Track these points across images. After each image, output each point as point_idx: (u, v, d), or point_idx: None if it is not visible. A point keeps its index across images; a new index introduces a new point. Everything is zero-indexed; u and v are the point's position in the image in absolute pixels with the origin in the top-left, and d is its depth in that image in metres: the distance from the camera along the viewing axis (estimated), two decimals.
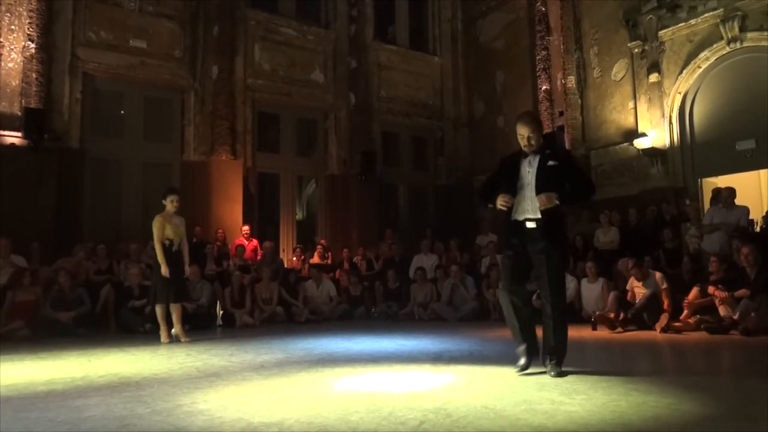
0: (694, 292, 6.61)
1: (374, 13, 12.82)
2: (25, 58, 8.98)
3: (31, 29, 9.04)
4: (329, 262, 10.45)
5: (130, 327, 7.37)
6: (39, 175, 8.86)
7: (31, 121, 8.75)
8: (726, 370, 4.60)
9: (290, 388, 3.46)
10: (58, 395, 3.38)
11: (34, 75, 9.01)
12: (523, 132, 3.83)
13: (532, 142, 3.82)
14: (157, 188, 10.36)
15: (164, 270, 6.19)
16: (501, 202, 3.73)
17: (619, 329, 6.55)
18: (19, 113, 8.84)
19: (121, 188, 10.07)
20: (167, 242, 6.31)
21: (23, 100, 8.89)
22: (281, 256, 10.81)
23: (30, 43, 9.01)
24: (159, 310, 6.35)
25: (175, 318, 6.36)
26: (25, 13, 9.04)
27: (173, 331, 6.34)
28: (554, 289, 3.72)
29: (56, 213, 8.98)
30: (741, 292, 6.16)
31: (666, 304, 6.66)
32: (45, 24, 9.19)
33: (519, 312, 3.77)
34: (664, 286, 6.82)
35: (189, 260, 6.76)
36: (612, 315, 6.79)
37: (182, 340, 6.25)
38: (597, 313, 7.00)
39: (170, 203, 6.43)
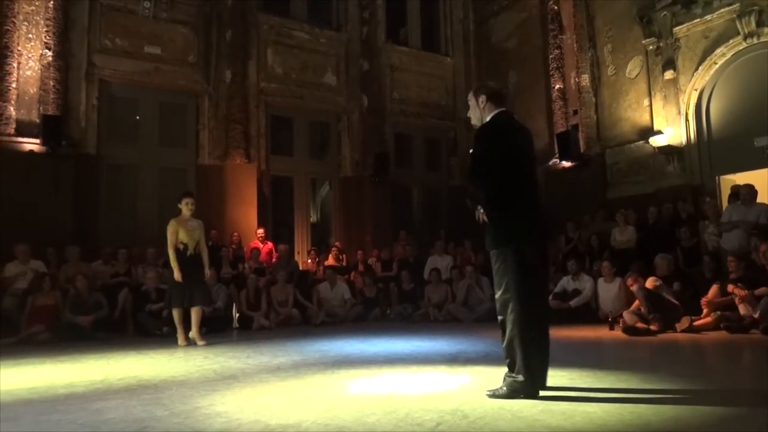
0: (714, 290, 6.53)
1: (386, 15, 12.82)
2: (42, 66, 9.12)
3: (48, 37, 9.17)
4: (344, 264, 10.47)
5: (148, 330, 7.45)
6: (56, 181, 8.98)
7: (48, 128, 8.87)
8: (746, 370, 4.53)
9: (306, 390, 3.47)
10: (78, 398, 3.42)
11: (51, 82, 9.14)
12: None
13: (468, 114, 3.45)
14: (172, 193, 10.45)
15: (177, 275, 6.18)
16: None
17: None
18: (37, 120, 8.97)
19: (137, 193, 10.18)
20: (181, 246, 6.28)
21: (41, 108, 9.03)
22: (296, 258, 10.85)
23: (47, 51, 9.15)
24: (174, 313, 6.33)
25: (194, 321, 6.34)
26: (42, 22, 9.17)
27: (190, 334, 6.32)
28: (497, 291, 3.26)
29: (73, 218, 9.09)
30: (761, 290, 6.07)
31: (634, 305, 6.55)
32: (61, 32, 9.32)
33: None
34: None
35: (208, 263, 6.68)
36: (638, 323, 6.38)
37: (198, 343, 6.23)
38: (623, 318, 6.54)
39: (185, 206, 6.42)
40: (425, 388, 3.48)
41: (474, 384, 3.54)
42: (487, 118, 3.32)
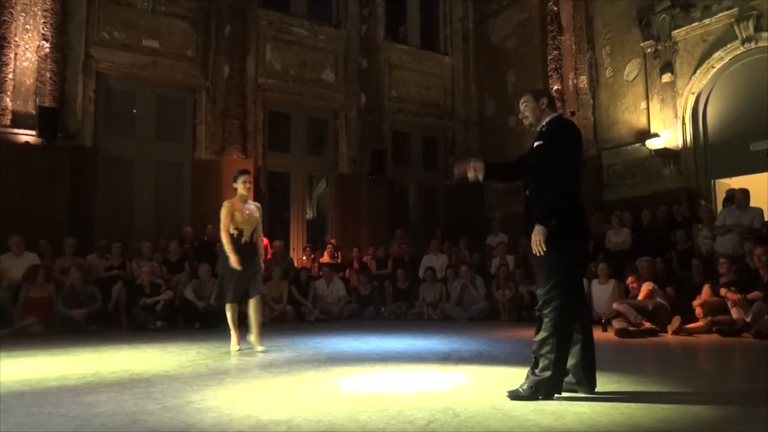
0: (706, 290, 6.55)
1: (385, 13, 12.81)
2: (39, 57, 9.08)
3: (45, 29, 9.13)
4: (339, 261, 10.46)
5: (142, 324, 7.44)
6: (52, 174, 8.95)
7: (45, 120, 8.83)
8: (738, 373, 4.55)
9: (299, 387, 3.47)
10: (69, 391, 3.42)
11: (48, 74, 9.10)
12: (519, 107, 3.42)
13: (527, 114, 3.36)
14: (168, 187, 10.50)
15: (234, 260, 5.11)
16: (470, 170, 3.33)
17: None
18: (34, 112, 8.93)
19: (133, 187, 10.16)
20: (235, 232, 5.31)
21: (37, 99, 8.99)
22: (291, 255, 10.85)
23: (44, 42, 9.11)
24: (228, 311, 5.40)
25: (254, 321, 5.33)
26: (39, 13, 9.13)
27: (249, 337, 5.35)
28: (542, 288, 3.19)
29: (69, 211, 9.06)
30: (754, 294, 6.10)
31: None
32: (59, 24, 9.28)
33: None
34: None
35: (264, 255, 5.80)
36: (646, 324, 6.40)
37: (257, 349, 5.21)
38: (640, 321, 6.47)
39: (242, 185, 5.43)
40: (418, 386, 3.49)
41: (466, 383, 3.55)
42: (545, 120, 3.31)
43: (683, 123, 9.76)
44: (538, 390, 3.01)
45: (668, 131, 9.82)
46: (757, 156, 9.01)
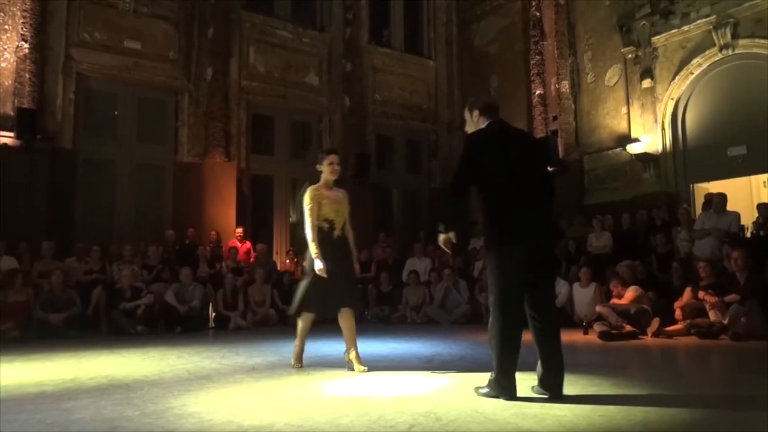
0: (687, 293, 6.65)
1: (369, 17, 12.84)
2: (18, 58, 8.95)
3: (24, 29, 9.01)
4: None
5: (122, 329, 7.34)
6: (31, 176, 8.82)
7: (23, 122, 8.71)
8: (715, 375, 4.62)
9: (281, 391, 3.46)
10: (47, 397, 3.36)
11: (27, 75, 8.98)
12: None
13: (465, 128, 3.65)
14: (150, 190, 10.39)
15: (320, 267, 4.11)
16: None
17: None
18: (12, 113, 8.80)
19: (114, 189, 10.04)
20: (325, 225, 4.31)
21: (16, 100, 8.86)
22: (275, 258, 10.79)
23: (23, 43, 8.98)
24: (302, 321, 4.43)
25: (349, 337, 4.31)
26: (18, 13, 9.01)
27: (348, 355, 4.30)
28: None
29: (48, 214, 8.92)
30: (731, 297, 6.20)
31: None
32: (39, 24, 9.16)
33: None
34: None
35: (356, 252, 4.72)
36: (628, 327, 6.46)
37: (358, 369, 4.17)
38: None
39: (328, 168, 4.41)
40: (400, 390, 3.49)
41: (449, 387, 3.56)
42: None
43: (663, 128, 9.91)
44: (491, 390, 3.12)
45: (648, 136, 9.97)
46: (734, 161, 9.18)
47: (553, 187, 3.45)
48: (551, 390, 3.13)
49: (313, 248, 4.19)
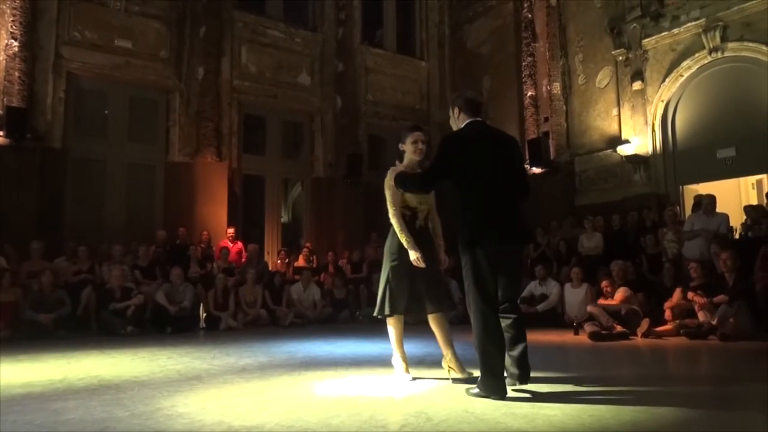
0: (677, 293, 6.70)
1: (362, 17, 12.84)
2: (7, 56, 8.88)
3: (14, 27, 8.94)
4: (314, 265, 10.43)
5: (111, 329, 7.28)
6: (20, 175, 8.75)
7: (12, 121, 8.64)
8: (704, 375, 4.66)
9: (272, 392, 3.45)
10: (36, 398, 3.34)
11: (16, 73, 8.91)
12: None
13: (450, 124, 3.73)
14: (140, 189, 10.34)
15: (415, 256, 3.62)
16: None
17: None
18: (1, 112, 8.73)
19: (104, 189, 9.98)
20: (407, 212, 3.84)
21: (5, 99, 8.79)
22: (266, 258, 10.77)
23: (13, 41, 8.91)
24: (392, 325, 3.94)
25: (442, 339, 3.84)
26: (8, 11, 8.94)
27: (445, 362, 3.83)
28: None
29: (37, 214, 8.86)
30: (720, 297, 6.25)
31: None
32: (29, 22, 9.09)
33: None
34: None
35: (443, 243, 4.02)
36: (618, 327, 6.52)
37: (459, 376, 3.69)
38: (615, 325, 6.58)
39: (411, 147, 3.99)
40: (391, 390, 3.49)
41: (440, 387, 3.57)
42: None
43: (653, 130, 9.98)
44: (481, 390, 3.14)
45: (638, 138, 10.03)
46: (723, 163, 9.25)
47: (528, 190, 3.51)
48: (520, 377, 3.25)
49: (402, 237, 3.69)
